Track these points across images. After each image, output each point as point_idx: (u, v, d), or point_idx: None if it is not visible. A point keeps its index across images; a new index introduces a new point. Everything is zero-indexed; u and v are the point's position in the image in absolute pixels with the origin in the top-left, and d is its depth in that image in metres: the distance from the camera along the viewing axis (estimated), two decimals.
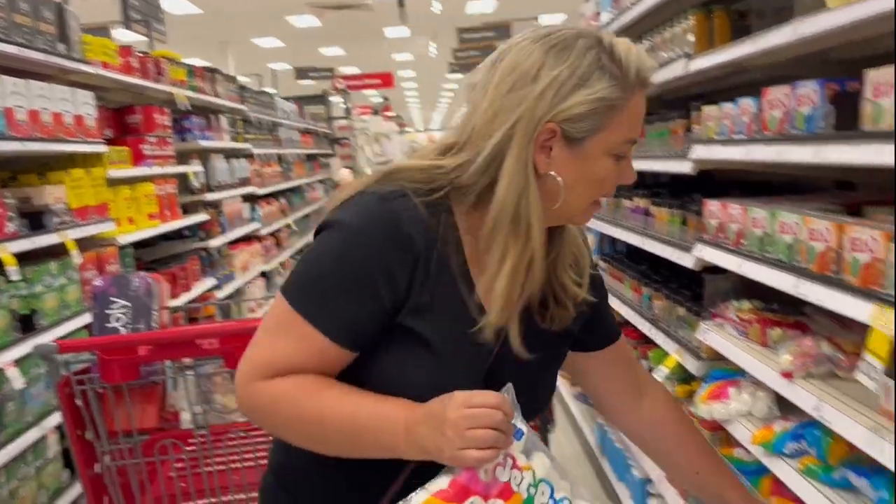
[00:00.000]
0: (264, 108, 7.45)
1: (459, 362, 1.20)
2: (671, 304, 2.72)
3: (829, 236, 1.62)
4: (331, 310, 1.17)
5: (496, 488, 1.09)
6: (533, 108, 1.12)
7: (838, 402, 1.66)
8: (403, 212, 1.15)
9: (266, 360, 1.20)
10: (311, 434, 1.20)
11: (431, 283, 1.17)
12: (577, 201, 1.18)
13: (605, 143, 1.14)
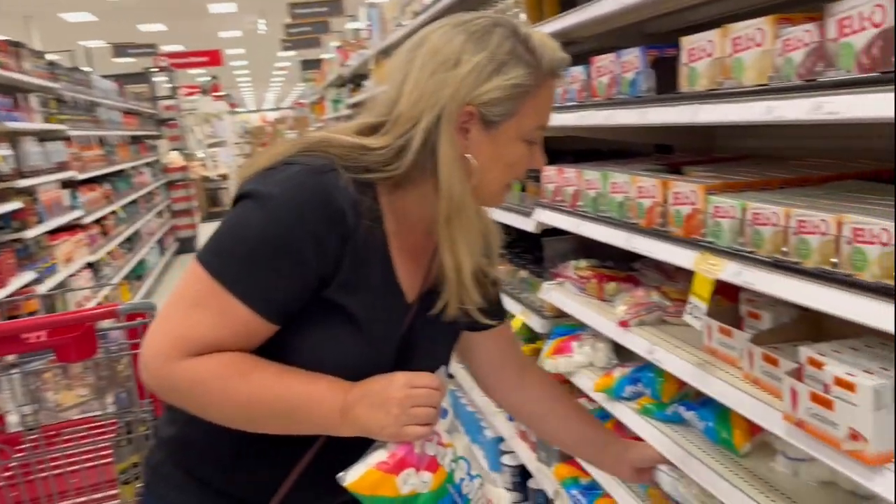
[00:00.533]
0: (80, 86, 6.89)
1: (381, 339, 1.25)
2: (514, 267, 2.84)
3: (655, 192, 1.75)
4: (257, 281, 1.15)
5: (426, 462, 1.18)
6: (455, 92, 1.17)
7: (668, 344, 1.82)
8: (335, 187, 1.16)
9: (183, 336, 1.15)
10: (240, 415, 1.19)
11: (359, 260, 1.19)
12: (492, 184, 1.25)
13: (518, 128, 1.21)
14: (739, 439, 1.66)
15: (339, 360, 1.21)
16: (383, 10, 4.90)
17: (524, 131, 1.22)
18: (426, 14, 3.64)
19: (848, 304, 1.15)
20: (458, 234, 1.22)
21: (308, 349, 1.20)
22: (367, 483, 1.15)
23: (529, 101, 1.20)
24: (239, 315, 1.14)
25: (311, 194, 1.15)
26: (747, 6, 1.94)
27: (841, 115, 1.12)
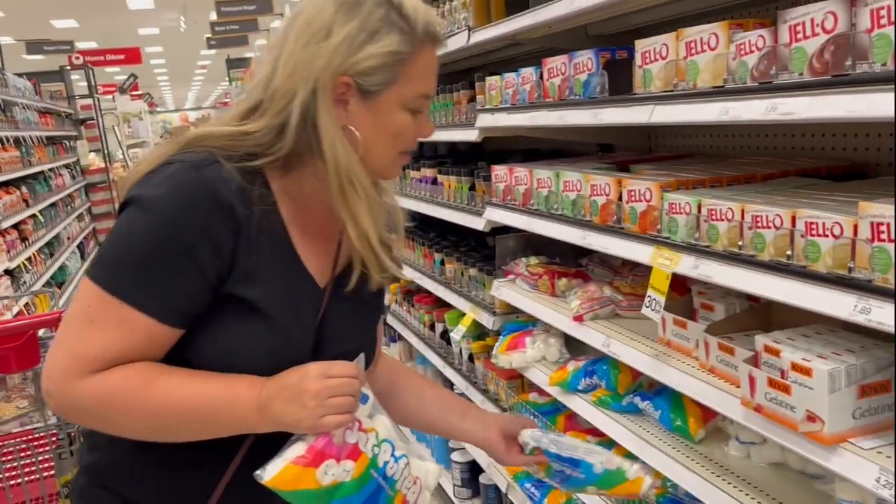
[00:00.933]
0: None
1: (292, 328, 1.22)
2: (463, 266, 2.87)
3: (609, 190, 1.81)
4: (153, 289, 1.12)
5: (346, 450, 1.17)
6: (328, 62, 1.15)
7: (623, 337, 1.88)
8: (219, 179, 1.14)
9: (82, 355, 1.13)
10: (153, 426, 1.17)
11: (255, 249, 1.17)
12: (380, 155, 1.22)
13: (398, 97, 1.18)
14: (694, 426, 1.73)
15: (251, 354, 1.18)
16: None
17: (406, 99, 1.19)
18: None
19: (804, 294, 1.22)
20: (356, 204, 1.19)
21: (217, 348, 1.17)
22: (286, 478, 1.12)
23: (407, 68, 1.18)
24: (138, 325, 1.12)
25: (195, 190, 1.12)
26: (689, 10, 2.02)
27: (796, 115, 1.19)
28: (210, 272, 1.14)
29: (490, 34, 2.33)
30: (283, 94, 1.17)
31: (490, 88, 2.42)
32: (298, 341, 1.23)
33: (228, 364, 1.17)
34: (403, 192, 3.51)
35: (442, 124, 2.91)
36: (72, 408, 1.15)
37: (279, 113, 1.17)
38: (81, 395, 1.13)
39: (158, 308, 1.12)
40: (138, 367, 1.14)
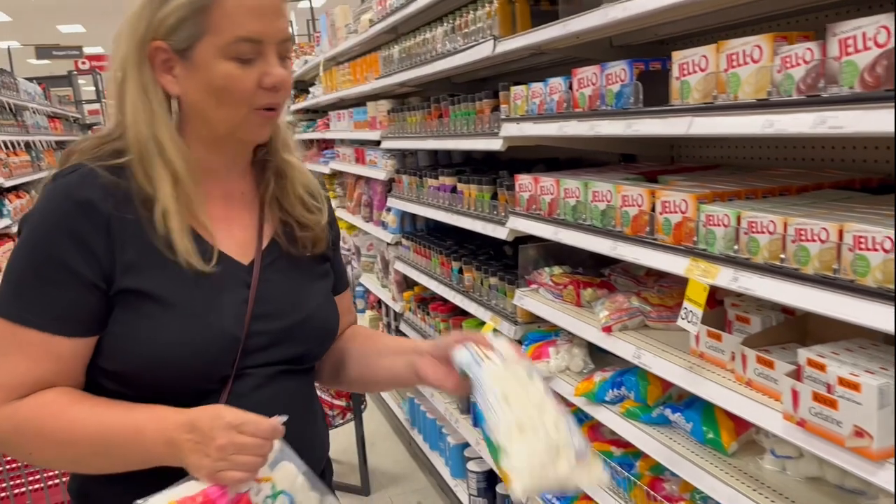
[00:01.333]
0: (5, 89, 6.58)
1: (204, 307, 1.17)
2: (483, 275, 2.86)
3: (641, 201, 1.81)
4: (37, 303, 1.13)
5: (236, 499, 1.07)
6: (134, 30, 1.15)
7: (654, 348, 1.87)
8: (77, 182, 1.14)
9: (2, 383, 1.12)
10: (66, 458, 1.15)
11: (133, 238, 1.15)
12: (222, 116, 1.17)
13: (213, 48, 1.13)
14: (726, 439, 1.72)
15: (166, 345, 1.13)
16: (335, 17, 4.87)
17: (223, 47, 1.13)
18: (384, 23, 3.64)
19: (852, 308, 1.22)
20: (160, 181, 1.15)
21: (131, 348, 1.14)
22: None
23: (216, 14, 1.12)
24: (36, 344, 1.11)
25: (55, 198, 1.14)
26: (716, 23, 2.02)
27: (845, 129, 1.18)
28: (87, 273, 1.12)
29: (516, 44, 2.33)
30: (115, 81, 1.19)
31: (515, 98, 2.42)
32: (220, 323, 1.17)
33: (151, 363, 1.13)
34: (420, 199, 3.51)
35: (462, 133, 2.91)
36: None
37: (117, 100, 1.20)
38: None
39: (47, 321, 1.11)
40: (50, 396, 1.13)
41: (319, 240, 1.34)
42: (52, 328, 1.11)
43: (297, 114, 6.75)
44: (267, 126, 1.22)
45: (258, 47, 1.15)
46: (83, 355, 1.15)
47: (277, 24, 1.16)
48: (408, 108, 3.65)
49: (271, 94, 1.18)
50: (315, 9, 9.42)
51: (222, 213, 1.25)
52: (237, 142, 1.24)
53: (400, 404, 4.41)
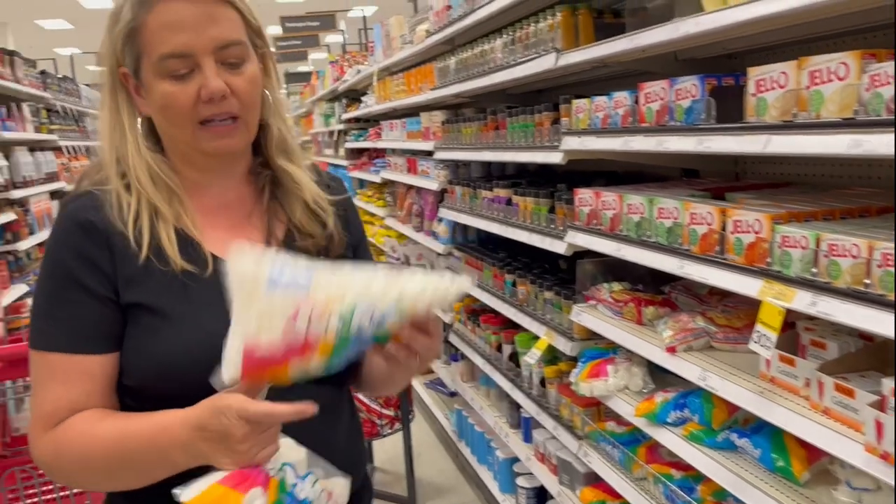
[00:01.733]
0: (69, 96, 6.77)
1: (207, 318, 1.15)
2: (538, 288, 2.83)
3: (711, 219, 1.76)
4: (60, 327, 1.15)
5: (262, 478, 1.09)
6: (103, 58, 1.19)
7: (721, 370, 1.82)
8: (80, 206, 1.18)
9: (40, 415, 1.16)
10: (101, 475, 1.16)
11: (129, 254, 1.17)
12: (177, 133, 1.20)
13: (149, 69, 1.15)
14: (798, 467, 1.66)
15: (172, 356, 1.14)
16: (390, 27, 4.90)
17: (155, 67, 1.14)
18: (441, 34, 3.64)
19: None
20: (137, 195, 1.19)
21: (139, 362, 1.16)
22: (208, 500, 1.04)
23: (144, 35, 1.14)
24: (67, 366, 1.14)
25: (63, 225, 1.19)
26: (790, 38, 1.97)
27: None
28: (98, 289, 1.15)
29: (580, 57, 2.31)
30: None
31: (577, 111, 2.39)
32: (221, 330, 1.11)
33: (156, 375, 1.15)
34: (474, 211, 3.49)
35: (520, 146, 2.89)
36: (43, 466, 1.18)
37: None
38: (43, 454, 1.16)
39: (71, 342, 1.15)
40: (81, 417, 1.15)
41: (326, 246, 1.30)
42: (78, 348, 1.15)
43: (348, 122, 6.80)
44: (227, 138, 1.19)
45: (189, 61, 1.14)
46: (111, 372, 1.17)
47: (208, 34, 1.13)
48: (462, 120, 3.64)
49: (211, 105, 1.15)
50: (367, 18, 9.51)
51: (223, 223, 1.25)
52: (208, 157, 1.22)
53: (447, 415, 4.39)
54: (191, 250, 1.19)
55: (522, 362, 3.04)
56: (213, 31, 1.14)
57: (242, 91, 1.17)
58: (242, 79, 1.17)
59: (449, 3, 3.49)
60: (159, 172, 1.20)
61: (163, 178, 1.21)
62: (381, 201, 5.80)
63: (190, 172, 1.25)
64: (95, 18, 14.27)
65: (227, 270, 1.02)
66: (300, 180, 1.31)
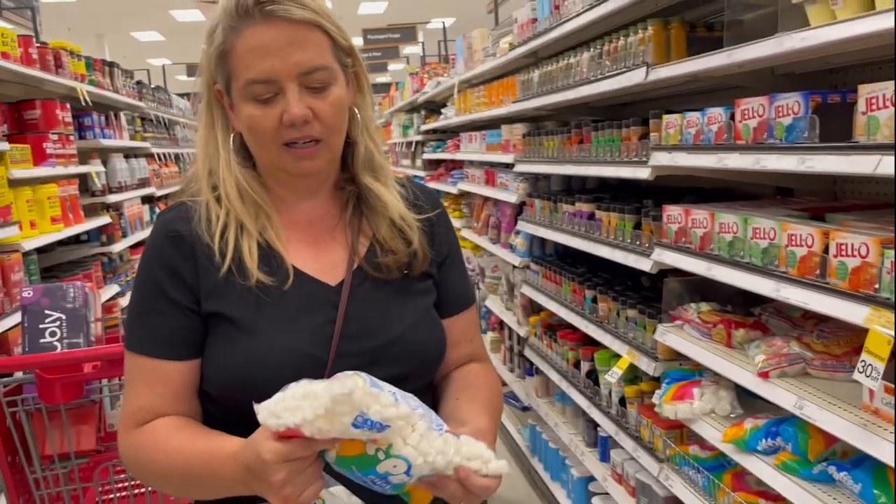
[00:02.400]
0: (161, 105, 7.07)
1: (276, 329, 1.19)
2: (620, 306, 2.78)
3: (812, 241, 1.70)
4: (145, 332, 1.21)
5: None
6: (203, 74, 1.24)
7: (818, 399, 1.75)
8: (171, 217, 1.24)
9: (128, 412, 1.22)
10: (168, 484, 1.21)
11: (213, 265, 1.20)
12: (262, 152, 1.23)
13: (238, 91, 1.18)
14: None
15: (242, 364, 1.17)
16: (472, 40, 4.93)
17: (242, 90, 1.17)
18: (525, 48, 3.64)
19: None
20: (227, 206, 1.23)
21: (216, 371, 1.20)
22: None
23: (233, 58, 1.17)
24: (150, 369, 1.20)
25: (154, 236, 1.24)
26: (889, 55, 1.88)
27: None
28: (181, 299, 1.20)
29: (672, 72, 2.26)
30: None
31: (667, 126, 2.35)
32: (295, 343, 1.18)
33: (229, 384, 1.18)
34: (554, 225, 3.46)
35: (605, 160, 2.85)
36: (123, 461, 1.24)
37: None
38: (124, 451, 1.23)
39: (156, 348, 1.20)
40: (158, 424, 1.19)
41: (408, 262, 1.30)
42: (159, 353, 1.20)
43: (426, 134, 6.86)
44: (306, 160, 1.21)
45: (274, 86, 1.15)
46: (190, 379, 1.21)
47: (293, 59, 1.14)
48: (544, 133, 3.62)
49: (293, 130, 1.17)
50: (448, 29, 9.59)
51: (307, 238, 1.27)
52: (286, 174, 1.25)
53: (520, 430, 4.35)
54: (273, 263, 1.22)
55: (601, 380, 2.99)
56: (298, 56, 1.15)
57: (326, 115, 1.19)
58: (326, 103, 1.19)
59: (534, 16, 3.48)
60: (248, 188, 1.24)
61: (251, 193, 1.24)
62: (457, 212, 5.82)
63: (277, 188, 1.29)
64: (186, 31, 14.88)
65: (331, 388, 0.98)
66: (386, 199, 1.31)
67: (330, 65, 1.20)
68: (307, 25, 1.16)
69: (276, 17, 1.14)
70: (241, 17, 1.15)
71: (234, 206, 1.23)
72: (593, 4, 2.75)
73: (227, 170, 1.24)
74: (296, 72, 1.15)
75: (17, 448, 2.11)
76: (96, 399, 2.28)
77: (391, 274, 1.28)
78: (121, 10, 12.87)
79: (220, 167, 1.24)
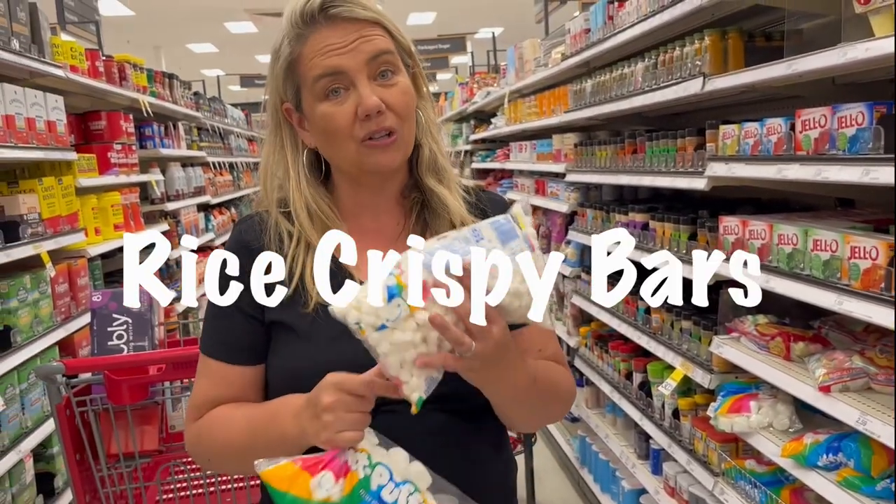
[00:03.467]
0: (217, 115, 7.25)
1: (335, 337, 1.16)
2: (674, 317, 2.76)
3: (876, 254, 1.67)
4: (213, 335, 1.29)
5: (341, 465, 1.10)
6: (269, 95, 1.27)
7: (882, 414, 1.71)
8: (245, 228, 1.31)
9: (193, 405, 1.30)
10: (230, 456, 1.26)
11: (278, 274, 1.25)
12: (339, 155, 1.24)
13: (308, 94, 1.21)
14: None
15: (301, 370, 1.20)
16: (523, 50, 4.95)
17: (312, 91, 1.20)
18: (578, 58, 3.64)
19: None
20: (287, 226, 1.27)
21: (276, 375, 1.25)
22: (281, 476, 1.08)
23: (300, 65, 1.20)
24: (216, 371, 1.27)
25: (229, 242, 1.32)
26: None
27: None
28: (246, 307, 1.26)
29: (731, 82, 2.25)
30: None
31: (724, 137, 2.33)
32: (351, 353, 1.12)
33: (288, 391, 1.20)
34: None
35: (660, 170, 2.84)
36: (189, 450, 1.33)
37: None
38: (189, 440, 1.31)
39: (222, 351, 1.28)
40: (220, 408, 1.27)
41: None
42: (224, 357, 1.27)
43: (475, 143, 6.90)
44: (387, 153, 1.21)
45: (344, 78, 1.17)
46: (252, 383, 1.28)
47: (360, 50, 1.17)
48: (597, 143, 3.62)
49: (369, 122, 1.18)
50: (496, 38, 9.62)
51: (375, 246, 1.27)
52: (370, 175, 1.26)
53: (569, 441, 4.33)
54: (340, 278, 1.24)
55: (654, 392, 2.97)
56: (365, 47, 1.18)
57: (397, 103, 1.20)
58: (396, 90, 1.20)
59: (588, 26, 3.49)
60: (317, 210, 1.27)
61: (320, 215, 1.27)
62: None
63: (348, 198, 1.31)
64: (239, 42, 15.23)
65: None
66: (448, 202, 1.31)
67: (395, 50, 1.23)
68: (370, 23, 1.20)
69: (340, 19, 1.18)
70: (307, 25, 1.18)
71: (303, 227, 1.26)
72: (648, 15, 2.74)
73: (297, 190, 1.27)
74: (364, 60, 1.17)
75: (85, 446, 2.18)
76: (159, 401, 2.35)
77: None
78: (177, 23, 13.23)
79: (290, 187, 1.27)
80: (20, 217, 2.93)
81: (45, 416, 2.98)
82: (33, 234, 3.02)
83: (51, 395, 2.10)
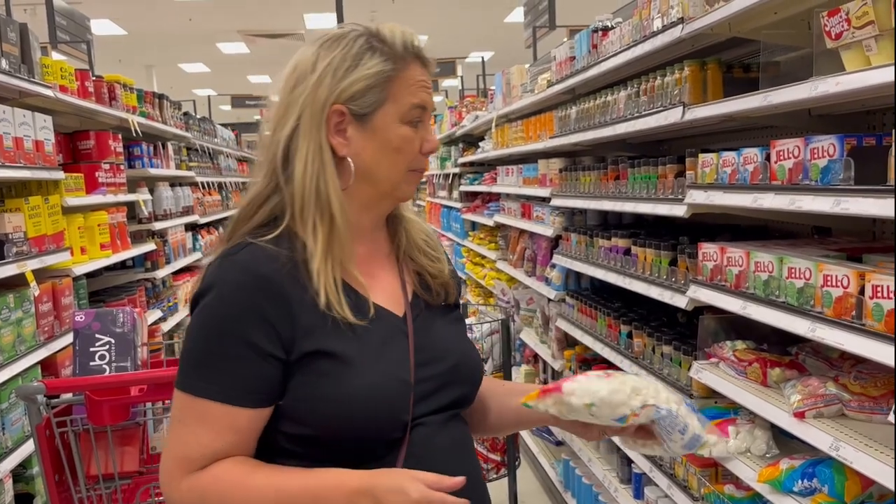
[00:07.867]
0: (206, 134, 7.28)
1: (377, 359, 1.22)
2: (655, 342, 2.79)
3: (847, 282, 1.70)
4: (216, 377, 1.17)
5: None
6: (314, 93, 1.23)
7: (855, 440, 1.74)
8: (249, 258, 1.20)
9: (183, 455, 1.18)
10: None
11: (304, 302, 1.20)
12: (387, 174, 1.28)
13: (393, 113, 1.25)
14: None
15: (350, 400, 1.18)
16: (510, 76, 5.01)
17: (402, 113, 1.25)
18: (563, 85, 3.70)
19: None
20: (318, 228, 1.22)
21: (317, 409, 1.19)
22: None
23: (397, 84, 1.24)
24: (219, 416, 1.17)
25: (233, 277, 1.19)
26: None
27: None
28: (266, 346, 1.18)
29: (708, 112, 2.30)
30: (273, 141, 1.25)
31: (703, 165, 2.37)
32: (394, 371, 1.23)
33: (338, 419, 1.19)
34: (589, 259, 3.49)
35: (641, 196, 2.88)
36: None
37: (271, 160, 1.25)
38: (182, 497, 1.18)
39: (226, 394, 1.17)
40: (228, 465, 1.18)
41: (449, 286, 1.40)
42: (235, 400, 1.17)
43: (463, 166, 6.95)
44: (414, 185, 1.34)
45: (425, 115, 1.29)
46: (258, 427, 1.21)
47: (432, 96, 1.31)
48: (581, 168, 3.66)
49: (423, 158, 1.31)
50: (486, 62, 9.72)
51: (369, 270, 1.31)
52: (391, 199, 1.34)
53: (553, 464, 4.33)
54: (352, 295, 1.25)
55: None
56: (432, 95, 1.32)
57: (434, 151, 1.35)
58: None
59: (573, 54, 3.55)
60: (349, 219, 1.26)
61: (349, 222, 1.26)
62: (492, 244, 5.86)
63: (362, 218, 1.32)
64: (231, 62, 15.30)
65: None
66: (413, 219, 1.42)
67: None
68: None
69: (428, 63, 1.30)
70: (407, 52, 1.27)
71: (335, 232, 1.23)
72: (631, 45, 2.80)
73: (337, 195, 1.24)
74: (432, 107, 1.32)
75: (65, 467, 2.18)
76: (141, 422, 2.35)
77: (438, 298, 1.38)
78: (169, 43, 13.29)
79: (331, 191, 1.23)
80: (5, 236, 2.94)
81: (25, 437, 2.96)
82: (18, 252, 3.02)
83: (31, 416, 2.10)
